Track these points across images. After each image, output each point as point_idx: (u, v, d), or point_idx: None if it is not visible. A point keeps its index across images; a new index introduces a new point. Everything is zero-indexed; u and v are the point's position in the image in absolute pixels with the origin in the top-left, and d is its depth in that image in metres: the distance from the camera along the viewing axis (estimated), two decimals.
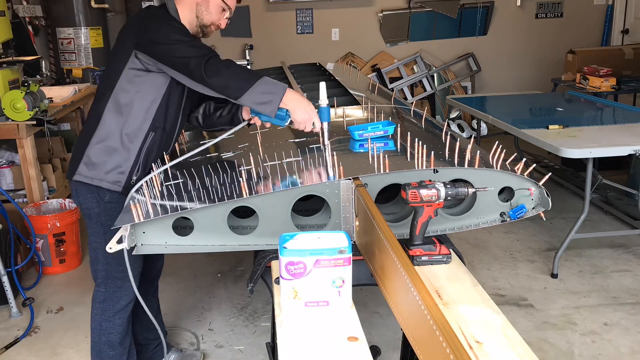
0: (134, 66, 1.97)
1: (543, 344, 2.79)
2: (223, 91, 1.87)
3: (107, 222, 2.07)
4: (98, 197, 2.06)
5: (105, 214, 2.08)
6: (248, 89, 1.84)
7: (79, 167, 2.05)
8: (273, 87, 1.86)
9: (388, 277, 1.40)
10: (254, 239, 1.79)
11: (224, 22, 2.10)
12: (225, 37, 6.58)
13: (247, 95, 1.84)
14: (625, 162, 4.38)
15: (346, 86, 3.07)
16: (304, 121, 1.90)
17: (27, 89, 3.60)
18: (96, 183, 2.04)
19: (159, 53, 1.92)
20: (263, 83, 1.85)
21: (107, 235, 2.06)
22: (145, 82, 1.99)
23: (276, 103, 1.85)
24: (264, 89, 1.85)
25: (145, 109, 2.01)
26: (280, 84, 1.88)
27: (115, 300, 2.16)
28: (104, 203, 2.06)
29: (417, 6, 6.62)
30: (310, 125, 1.91)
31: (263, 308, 3.20)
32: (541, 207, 1.87)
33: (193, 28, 2.05)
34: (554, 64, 6.61)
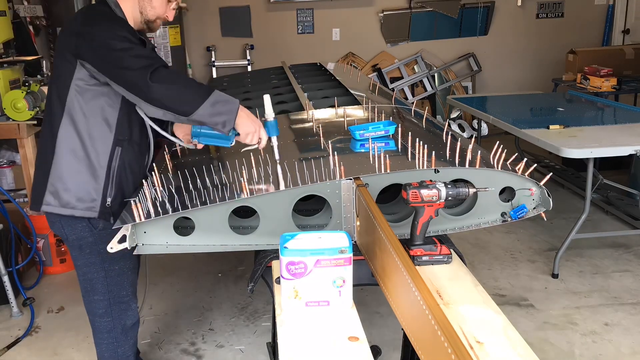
0: (82, 76, 1.80)
1: (544, 344, 2.79)
2: (172, 106, 1.71)
3: (104, 249, 1.82)
4: (90, 225, 1.90)
5: (102, 241, 1.89)
6: (202, 103, 1.71)
7: (45, 197, 1.88)
8: (227, 101, 1.75)
9: (389, 277, 1.40)
10: (255, 239, 1.79)
11: (171, 13, 1.98)
12: (225, 37, 6.59)
13: (200, 110, 1.71)
14: (626, 162, 4.38)
15: (347, 86, 3.07)
16: (250, 133, 1.81)
17: (28, 89, 3.61)
18: (67, 212, 1.87)
19: (100, 63, 1.76)
20: (217, 96, 1.74)
21: (106, 264, 1.95)
22: (98, 91, 1.82)
23: (232, 118, 1.75)
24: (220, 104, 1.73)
25: (105, 122, 1.85)
26: (232, 98, 1.77)
27: (122, 323, 2.07)
28: (99, 231, 1.91)
29: (417, 6, 6.62)
30: (256, 138, 1.82)
31: (264, 308, 3.20)
32: (542, 207, 1.87)
33: (138, 24, 1.94)
34: (554, 64, 6.61)
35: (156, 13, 1.94)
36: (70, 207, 1.87)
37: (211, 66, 6.55)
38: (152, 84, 1.69)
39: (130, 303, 2.07)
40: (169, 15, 1.98)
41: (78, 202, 1.86)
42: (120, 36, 1.75)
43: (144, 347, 2.89)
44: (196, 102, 1.71)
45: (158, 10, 1.93)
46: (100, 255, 1.94)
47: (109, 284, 1.99)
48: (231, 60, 6.61)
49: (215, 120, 1.74)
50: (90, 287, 2.00)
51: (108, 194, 1.88)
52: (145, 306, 3.26)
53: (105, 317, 2.04)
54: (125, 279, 2.03)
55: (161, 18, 1.96)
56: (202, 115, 1.72)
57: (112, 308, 2.03)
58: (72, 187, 1.86)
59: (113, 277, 1.99)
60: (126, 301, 2.05)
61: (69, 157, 1.85)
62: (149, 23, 1.95)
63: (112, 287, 2.00)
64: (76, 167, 1.85)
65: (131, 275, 2.06)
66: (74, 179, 1.86)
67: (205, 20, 6.52)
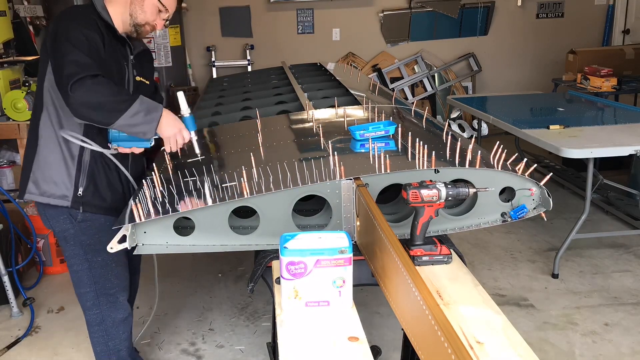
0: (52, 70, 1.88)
1: (544, 344, 2.79)
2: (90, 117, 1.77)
3: (86, 240, 2.01)
4: (70, 217, 1.98)
5: (83, 233, 2.00)
6: (120, 115, 1.75)
7: (28, 186, 1.98)
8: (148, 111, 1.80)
9: (389, 277, 1.40)
10: (255, 239, 1.79)
11: (160, 23, 2.02)
12: (225, 37, 6.59)
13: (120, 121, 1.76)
14: (626, 162, 4.38)
15: (347, 86, 3.07)
16: (173, 135, 1.86)
17: (28, 89, 3.61)
18: (45, 201, 1.96)
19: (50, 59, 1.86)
20: (138, 107, 1.78)
21: (89, 255, 2.03)
22: None
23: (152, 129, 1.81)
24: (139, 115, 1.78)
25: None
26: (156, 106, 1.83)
27: (112, 316, 2.12)
28: (78, 223, 1.99)
29: (417, 6, 6.62)
30: (181, 139, 1.88)
31: (264, 308, 3.20)
32: (542, 207, 1.87)
33: (126, 27, 1.98)
34: (554, 64, 6.61)
35: (146, 18, 1.97)
36: (47, 195, 1.96)
37: (211, 66, 6.55)
38: (71, 93, 1.72)
39: (117, 296, 2.11)
40: (158, 24, 2.01)
41: (54, 190, 1.95)
42: (71, 37, 1.80)
43: (144, 347, 2.89)
44: (115, 115, 1.76)
45: (148, 16, 1.97)
46: (82, 247, 2.02)
47: (94, 275, 2.05)
48: (231, 60, 6.61)
49: (135, 130, 1.81)
50: (77, 280, 2.07)
51: (80, 184, 1.95)
52: (145, 306, 3.26)
53: (94, 309, 2.10)
54: (109, 271, 2.07)
55: (150, 24, 2.00)
56: (121, 126, 1.79)
57: (100, 300, 2.09)
58: (48, 176, 1.95)
59: (97, 268, 2.04)
60: (113, 293, 2.09)
61: (47, 147, 1.95)
62: (137, 27, 1.98)
63: (98, 278, 2.05)
64: (52, 157, 1.94)
65: (116, 268, 2.08)
66: (51, 169, 1.95)
67: (205, 20, 6.52)
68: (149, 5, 1.96)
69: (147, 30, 2.01)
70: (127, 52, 2.04)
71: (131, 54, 2.05)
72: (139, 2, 1.95)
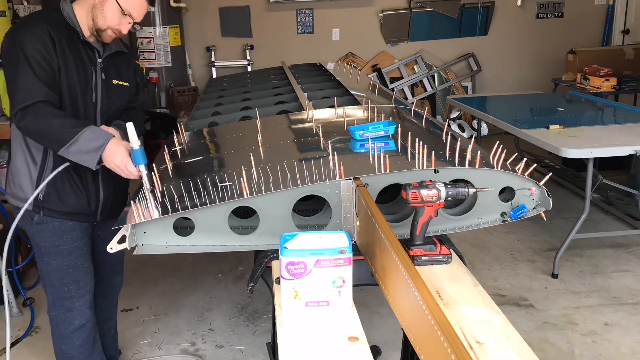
0: None
1: (544, 344, 2.79)
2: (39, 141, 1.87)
3: (41, 243, 2.04)
4: (29, 218, 2.02)
5: (37, 235, 2.04)
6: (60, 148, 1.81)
7: (6, 187, 2.07)
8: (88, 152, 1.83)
9: (389, 277, 1.40)
10: (255, 239, 1.79)
11: (125, 27, 1.98)
12: (225, 37, 6.59)
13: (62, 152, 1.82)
14: (626, 162, 4.37)
15: (347, 86, 3.06)
16: (116, 167, 1.87)
17: None
18: (13, 202, 2.03)
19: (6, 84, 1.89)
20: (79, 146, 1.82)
21: (45, 257, 2.05)
22: None
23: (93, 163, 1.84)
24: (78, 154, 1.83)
25: None
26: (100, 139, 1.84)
27: (68, 322, 2.12)
28: (34, 224, 2.03)
29: (417, 6, 6.62)
30: (124, 173, 1.87)
31: (263, 308, 3.20)
32: (542, 207, 1.87)
33: (90, 30, 1.97)
34: (554, 64, 6.61)
35: (107, 23, 1.94)
36: (16, 197, 2.02)
37: (211, 66, 6.55)
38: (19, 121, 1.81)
39: (74, 301, 2.10)
40: (122, 29, 1.97)
41: (20, 193, 2.01)
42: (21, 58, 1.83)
43: (144, 347, 2.89)
44: (58, 144, 1.82)
45: (109, 21, 1.93)
46: (39, 249, 2.07)
47: (50, 278, 2.07)
48: (231, 60, 6.61)
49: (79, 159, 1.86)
50: (42, 278, 2.13)
51: (41, 189, 1.97)
52: (145, 306, 3.26)
53: (52, 310, 2.13)
54: (65, 275, 2.07)
55: (112, 29, 1.96)
56: (67, 154, 1.85)
57: (56, 303, 2.11)
58: (17, 179, 2.01)
59: (52, 272, 2.07)
60: (69, 298, 2.09)
61: (17, 151, 2.00)
62: (99, 32, 1.96)
63: (54, 281, 2.07)
64: (20, 161, 2.00)
65: (74, 273, 2.08)
66: (18, 172, 2.01)
67: (205, 20, 6.52)
68: (109, 10, 1.92)
69: (110, 35, 1.98)
70: (95, 56, 2.01)
71: (99, 57, 2.02)
72: (99, 7, 1.92)
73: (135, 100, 2.26)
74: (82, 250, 2.10)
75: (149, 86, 6.02)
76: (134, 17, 1.96)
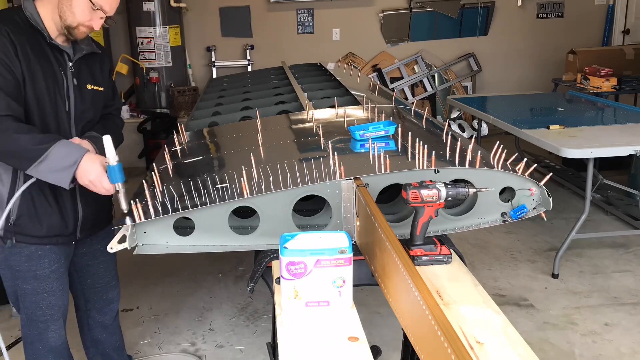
0: None
1: (544, 344, 2.79)
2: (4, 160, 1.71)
3: (16, 267, 1.90)
4: (1, 241, 1.88)
5: (12, 259, 1.90)
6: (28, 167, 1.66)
7: None
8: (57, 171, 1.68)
9: (389, 277, 1.40)
10: (255, 239, 1.79)
11: (97, 22, 1.81)
12: (225, 37, 6.59)
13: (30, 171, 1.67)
14: (626, 162, 4.37)
15: (347, 86, 3.07)
16: (90, 184, 1.73)
17: None
18: None
19: None
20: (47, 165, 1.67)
21: (19, 281, 1.93)
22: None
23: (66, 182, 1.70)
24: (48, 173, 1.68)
25: None
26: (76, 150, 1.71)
27: (43, 341, 2.00)
28: (8, 248, 1.88)
29: (417, 6, 6.62)
30: (99, 190, 1.73)
31: (264, 308, 3.20)
32: (542, 207, 1.87)
33: (58, 29, 1.81)
34: (554, 64, 6.61)
35: (77, 20, 1.78)
36: None
37: (211, 66, 6.55)
38: None
39: (49, 324, 1.98)
40: (94, 24, 1.81)
41: None
42: None
43: (144, 347, 2.89)
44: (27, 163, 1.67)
45: (79, 17, 1.77)
46: (12, 271, 1.93)
47: (24, 301, 1.95)
48: (231, 60, 6.61)
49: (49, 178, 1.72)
50: (14, 298, 1.99)
51: (11, 213, 1.83)
52: (145, 306, 3.26)
53: (25, 329, 2.01)
54: (40, 299, 1.95)
55: (84, 25, 1.80)
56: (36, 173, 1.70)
57: (30, 324, 1.99)
58: None
59: (27, 295, 1.94)
60: (43, 320, 1.97)
61: None
62: (69, 29, 1.79)
63: (28, 304, 1.95)
64: None
65: (49, 297, 1.96)
66: None
67: (205, 20, 6.52)
68: (78, 6, 1.76)
69: (83, 32, 1.81)
70: (65, 59, 1.85)
71: (70, 60, 1.86)
72: (66, 3, 1.76)
73: (112, 105, 2.10)
74: (58, 272, 1.96)
75: (149, 86, 6.03)
76: (105, 10, 1.80)
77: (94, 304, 2.20)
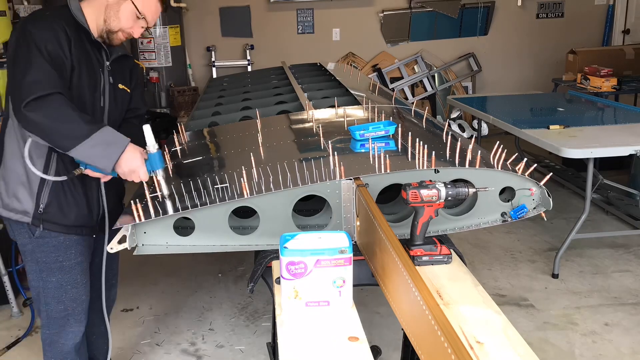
0: None
1: (544, 344, 2.79)
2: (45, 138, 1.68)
3: (42, 258, 1.91)
4: (29, 232, 1.88)
5: (39, 250, 1.90)
6: (78, 143, 1.66)
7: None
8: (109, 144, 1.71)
9: (389, 277, 1.40)
10: (255, 239, 1.79)
11: (137, 31, 1.89)
12: (225, 37, 6.59)
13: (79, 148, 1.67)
14: (626, 162, 4.38)
15: (347, 86, 3.07)
16: (128, 173, 1.76)
17: None
18: (6, 214, 1.87)
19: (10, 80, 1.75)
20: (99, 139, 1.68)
21: (43, 274, 1.93)
22: None
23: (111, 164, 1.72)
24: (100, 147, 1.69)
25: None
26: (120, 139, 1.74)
27: (62, 342, 2.01)
28: (36, 239, 1.89)
29: (417, 6, 6.62)
30: (137, 178, 1.77)
31: (264, 308, 3.20)
32: (542, 207, 1.87)
33: (99, 31, 1.87)
34: (554, 64, 6.61)
35: (120, 25, 1.85)
36: (9, 209, 1.87)
37: (211, 66, 6.55)
38: (27, 112, 1.64)
39: (69, 319, 1.99)
40: (134, 32, 1.89)
41: (16, 205, 1.86)
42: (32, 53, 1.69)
43: (144, 347, 2.89)
44: (73, 141, 1.67)
45: (123, 23, 1.85)
46: (37, 264, 1.93)
47: (46, 295, 1.96)
48: (231, 60, 6.61)
49: (93, 162, 1.73)
50: (36, 296, 1.99)
51: (41, 201, 1.85)
52: (145, 306, 3.26)
53: (45, 329, 2.01)
54: (63, 292, 1.96)
55: (124, 32, 1.88)
56: (79, 154, 1.70)
57: (50, 322, 1.99)
58: (11, 189, 1.86)
59: (50, 289, 1.95)
60: (64, 316, 1.98)
61: (11, 159, 1.85)
62: (110, 33, 1.87)
63: (49, 299, 1.96)
64: (15, 170, 1.85)
65: (72, 290, 1.97)
66: (13, 182, 1.86)
67: (205, 20, 6.52)
68: (124, 12, 1.84)
69: (121, 38, 1.90)
70: (103, 58, 1.92)
71: (107, 59, 1.93)
72: (114, 8, 1.83)
73: (139, 109, 2.14)
74: (83, 265, 2.00)
75: (149, 86, 6.03)
76: (148, 20, 1.89)
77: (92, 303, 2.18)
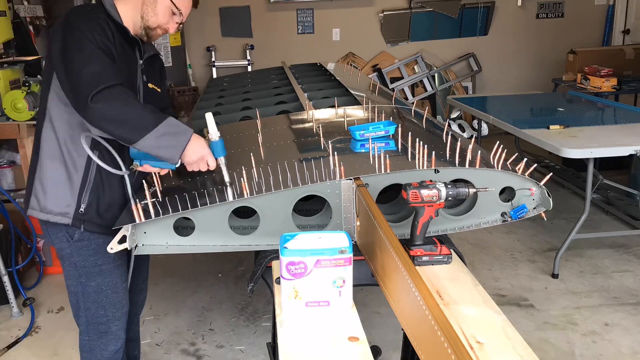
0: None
1: (544, 344, 2.79)
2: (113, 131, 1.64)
3: (80, 262, 1.86)
4: (67, 235, 1.84)
5: (77, 253, 1.86)
6: (146, 134, 1.63)
7: (31, 201, 1.84)
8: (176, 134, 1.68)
9: (389, 277, 1.40)
10: (255, 239, 1.79)
11: (173, 26, 1.89)
12: (225, 37, 6.59)
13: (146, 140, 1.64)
14: (626, 162, 4.38)
15: (347, 86, 3.06)
16: (196, 162, 1.75)
17: (28, 89, 3.61)
18: (44, 217, 1.82)
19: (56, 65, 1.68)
20: (166, 128, 1.66)
21: (82, 278, 1.88)
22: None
23: (178, 153, 1.69)
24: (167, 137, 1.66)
25: (80, 123, 1.73)
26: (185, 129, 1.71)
27: (102, 347, 1.96)
28: (74, 242, 1.84)
29: (417, 6, 6.62)
30: (205, 166, 1.76)
31: (264, 308, 3.20)
32: (542, 207, 1.87)
33: (136, 29, 1.85)
34: (554, 64, 6.61)
35: (157, 21, 1.84)
36: (47, 211, 1.82)
37: (211, 66, 6.55)
38: (92, 105, 1.60)
39: (110, 325, 1.95)
40: (170, 27, 1.89)
41: (54, 206, 1.81)
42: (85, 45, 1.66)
43: (144, 347, 2.89)
44: (141, 132, 1.64)
45: (160, 18, 1.84)
46: (76, 269, 1.88)
47: (86, 300, 1.91)
48: (231, 60, 6.61)
49: (161, 152, 1.70)
50: (74, 301, 1.94)
51: (82, 201, 1.81)
52: (146, 306, 3.26)
53: (84, 335, 1.97)
54: (103, 297, 1.92)
55: (162, 28, 1.87)
56: (146, 145, 1.66)
57: (89, 328, 1.95)
58: (49, 191, 1.81)
59: (90, 294, 1.90)
60: (104, 322, 1.94)
61: (49, 160, 1.81)
62: (148, 30, 1.86)
63: (90, 304, 1.91)
64: (54, 171, 1.80)
65: (112, 294, 1.93)
66: (52, 183, 1.81)
67: (205, 20, 6.52)
68: (161, 8, 1.83)
69: (159, 34, 1.89)
70: (137, 56, 1.90)
71: (141, 58, 1.92)
72: (151, 4, 1.82)
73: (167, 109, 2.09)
74: (122, 269, 1.94)
75: None
76: (183, 14, 1.88)
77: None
